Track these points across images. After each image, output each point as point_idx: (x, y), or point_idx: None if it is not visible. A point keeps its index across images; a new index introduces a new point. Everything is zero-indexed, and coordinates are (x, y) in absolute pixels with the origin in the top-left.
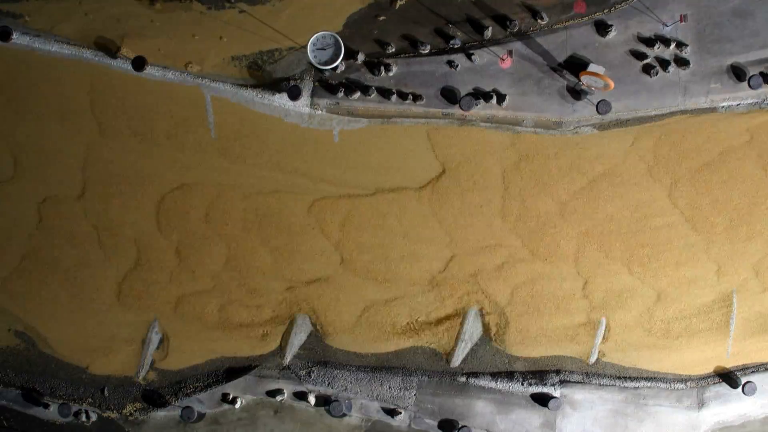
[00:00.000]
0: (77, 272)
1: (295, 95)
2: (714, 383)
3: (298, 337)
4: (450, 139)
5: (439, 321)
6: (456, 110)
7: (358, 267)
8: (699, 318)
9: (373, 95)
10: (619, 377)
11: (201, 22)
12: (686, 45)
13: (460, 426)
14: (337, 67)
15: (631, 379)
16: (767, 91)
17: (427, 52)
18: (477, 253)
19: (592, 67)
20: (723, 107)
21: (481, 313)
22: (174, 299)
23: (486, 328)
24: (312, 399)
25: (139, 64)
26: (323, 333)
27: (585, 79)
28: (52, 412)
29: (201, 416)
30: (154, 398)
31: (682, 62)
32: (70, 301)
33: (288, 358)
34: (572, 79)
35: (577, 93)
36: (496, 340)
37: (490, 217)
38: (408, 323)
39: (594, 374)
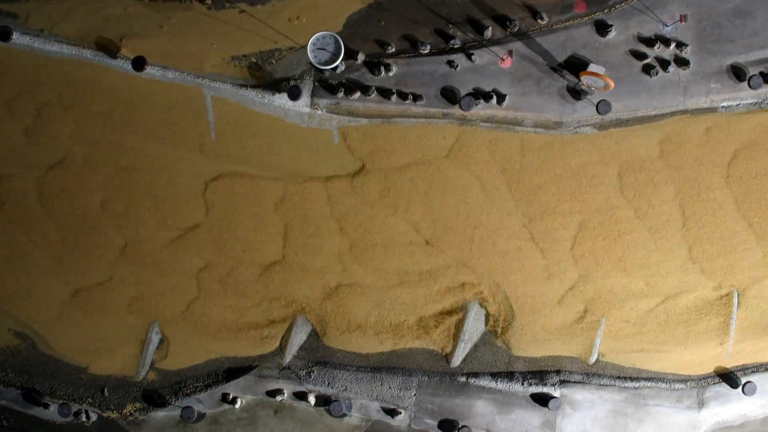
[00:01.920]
0: (78, 273)
1: (295, 95)
2: (714, 383)
3: (298, 337)
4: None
5: (439, 321)
6: (456, 110)
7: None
8: (699, 318)
9: (373, 95)
10: (619, 377)
11: (201, 22)
12: (686, 45)
13: (460, 426)
14: (337, 67)
15: (631, 379)
16: (767, 91)
17: (427, 52)
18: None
19: (592, 67)
20: (723, 107)
21: (485, 310)
22: (174, 300)
23: (488, 325)
24: (312, 399)
25: (139, 64)
26: (322, 333)
27: (585, 79)
28: (52, 412)
29: (201, 416)
30: (154, 398)
31: (682, 62)
32: (70, 301)
33: (288, 358)
34: (572, 79)
35: (577, 93)
36: (499, 338)
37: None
38: (408, 322)
39: (594, 374)
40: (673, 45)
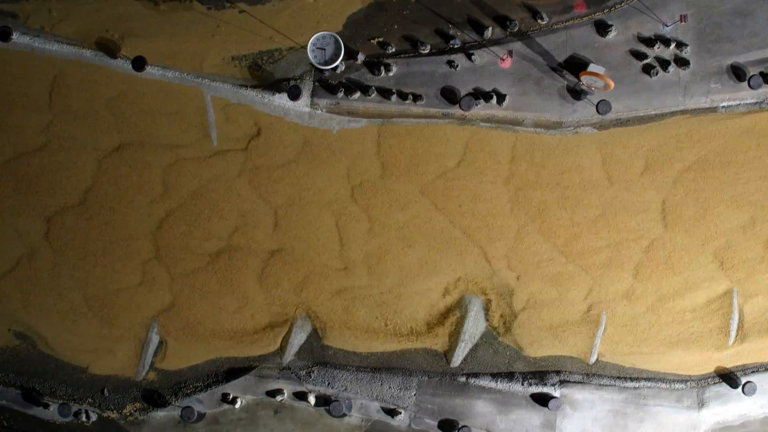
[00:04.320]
0: (78, 274)
1: (295, 95)
2: (714, 383)
3: (298, 338)
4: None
5: (439, 321)
6: (456, 110)
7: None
8: (699, 318)
9: (373, 95)
10: (619, 377)
11: (201, 22)
12: (686, 45)
13: (460, 426)
14: (337, 67)
15: (631, 379)
16: (767, 91)
17: (427, 52)
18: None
19: (592, 67)
20: (723, 107)
21: (486, 308)
22: (175, 300)
23: (491, 322)
24: (312, 399)
25: (139, 64)
26: (323, 333)
27: (585, 79)
28: (52, 412)
29: (201, 416)
30: (154, 398)
31: (682, 62)
32: (70, 301)
33: (288, 359)
34: (572, 79)
35: (577, 93)
36: (502, 336)
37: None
38: (408, 322)
39: (594, 374)
40: (673, 45)
